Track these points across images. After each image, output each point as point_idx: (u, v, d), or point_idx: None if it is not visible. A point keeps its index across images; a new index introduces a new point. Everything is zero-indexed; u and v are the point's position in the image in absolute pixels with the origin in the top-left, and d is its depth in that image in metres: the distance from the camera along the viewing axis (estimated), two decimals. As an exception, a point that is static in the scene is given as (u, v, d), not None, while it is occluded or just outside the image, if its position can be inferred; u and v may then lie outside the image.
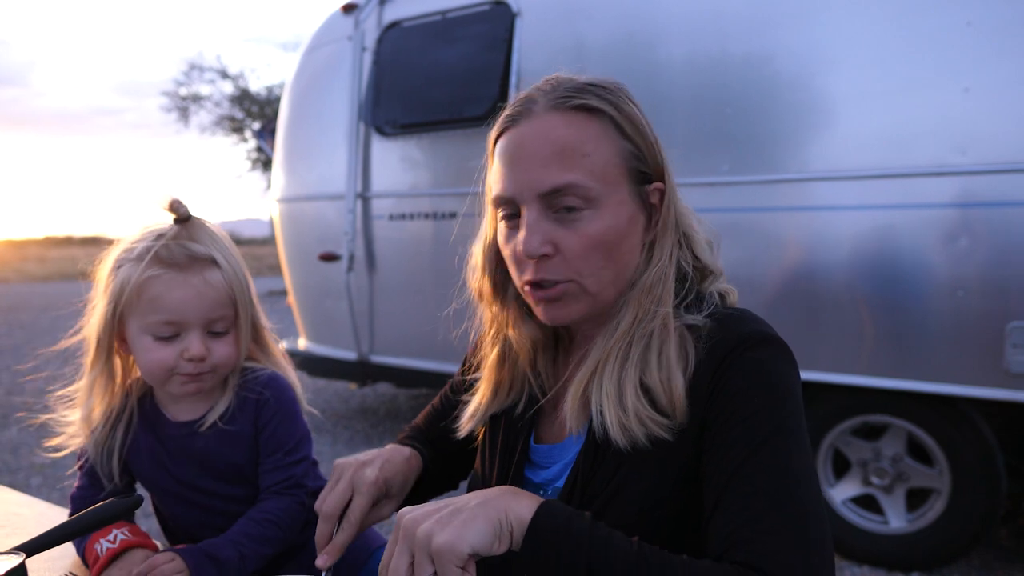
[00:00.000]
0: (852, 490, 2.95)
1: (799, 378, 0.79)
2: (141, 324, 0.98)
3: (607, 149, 0.81)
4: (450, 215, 3.69)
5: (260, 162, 18.01)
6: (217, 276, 1.00)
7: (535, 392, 0.93)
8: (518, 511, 0.68)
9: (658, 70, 3.07)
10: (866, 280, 2.72)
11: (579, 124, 0.81)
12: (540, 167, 0.80)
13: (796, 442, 0.74)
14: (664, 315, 0.81)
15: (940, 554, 2.77)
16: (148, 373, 1.02)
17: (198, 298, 0.98)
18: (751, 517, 0.69)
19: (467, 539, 0.64)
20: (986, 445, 2.63)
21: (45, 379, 4.48)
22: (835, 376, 2.75)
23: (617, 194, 0.82)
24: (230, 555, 0.97)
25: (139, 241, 1.00)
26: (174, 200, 0.99)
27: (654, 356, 0.79)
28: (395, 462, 0.93)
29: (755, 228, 2.91)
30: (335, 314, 4.16)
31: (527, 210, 0.81)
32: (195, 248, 1.00)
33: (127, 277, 0.97)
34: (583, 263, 0.81)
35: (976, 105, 2.47)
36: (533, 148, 0.81)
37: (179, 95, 18.52)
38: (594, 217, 0.80)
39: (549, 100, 0.83)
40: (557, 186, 0.79)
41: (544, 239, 0.80)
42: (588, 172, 0.79)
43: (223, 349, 1.02)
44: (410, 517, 0.68)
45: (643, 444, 0.77)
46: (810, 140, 2.84)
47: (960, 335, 2.55)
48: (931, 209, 2.59)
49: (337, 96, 4.09)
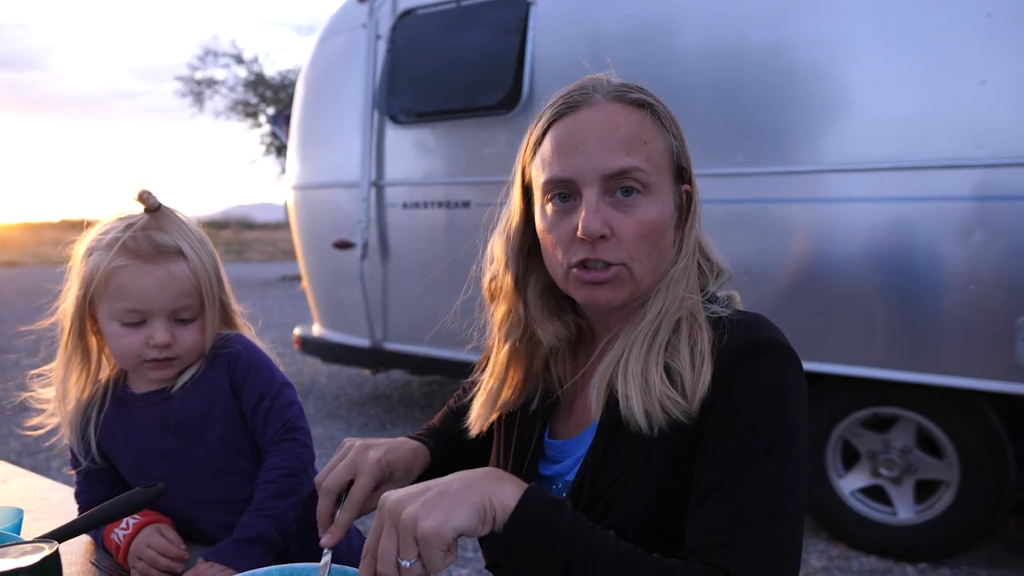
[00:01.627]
0: (861, 481, 2.96)
1: (805, 389, 0.81)
2: (109, 310, 1.02)
3: (660, 141, 0.85)
4: (464, 204, 3.70)
5: (274, 147, 18.05)
6: (182, 267, 1.03)
7: (550, 388, 0.95)
8: (502, 497, 0.70)
9: (674, 59, 3.06)
10: (879, 273, 2.71)
11: (637, 115, 0.85)
12: (607, 150, 0.82)
13: (791, 458, 0.76)
14: (692, 304, 0.84)
15: (948, 545, 2.78)
16: (118, 357, 1.06)
17: (161, 288, 1.01)
18: (733, 525, 0.72)
19: (452, 524, 0.66)
20: (996, 437, 2.63)
21: (65, 363, 4.38)
22: (847, 368, 2.76)
23: (665, 185, 0.86)
24: (264, 527, 0.99)
25: (110, 229, 1.03)
26: (144, 191, 1.02)
27: (683, 342, 0.81)
28: (401, 449, 0.95)
29: (769, 219, 2.91)
30: (349, 301, 4.20)
31: (588, 191, 0.83)
32: (161, 239, 1.02)
33: (96, 265, 1.01)
34: (635, 248, 0.83)
35: (993, 98, 2.45)
36: (600, 132, 0.83)
37: (193, 80, 18.59)
38: (648, 203, 0.84)
39: (608, 91, 0.87)
40: (625, 167, 0.82)
41: (603, 220, 0.82)
42: (647, 159, 0.83)
43: (189, 336, 1.05)
44: (394, 499, 0.68)
45: (662, 429, 0.78)
46: (825, 131, 2.83)
47: (972, 329, 2.54)
48: (945, 202, 2.58)
49: (351, 84, 4.10)
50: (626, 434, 0.81)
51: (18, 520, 0.94)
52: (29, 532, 1.06)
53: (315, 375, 6.22)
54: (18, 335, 5.13)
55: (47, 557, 0.60)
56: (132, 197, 1.04)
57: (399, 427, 4.65)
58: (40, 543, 0.63)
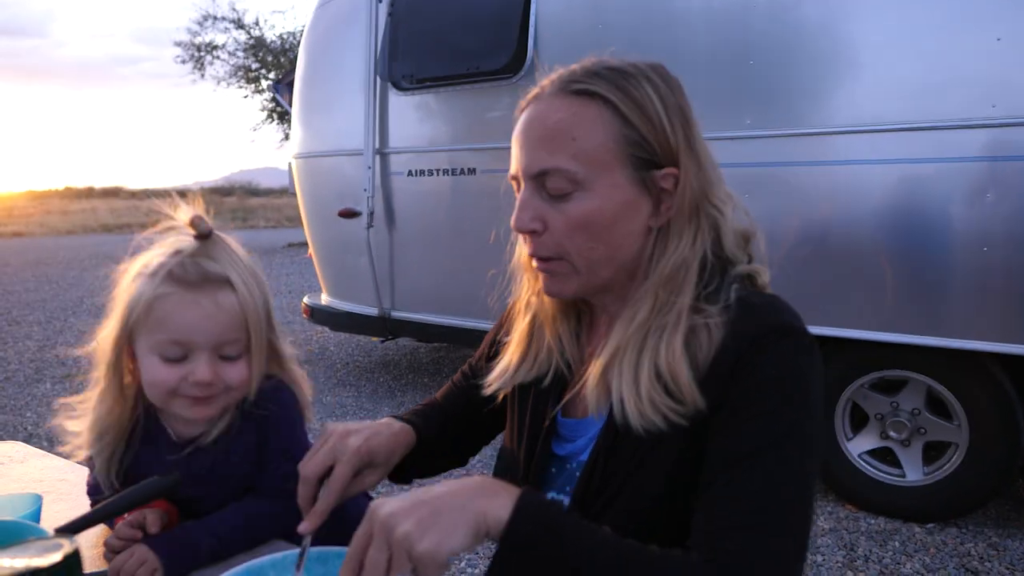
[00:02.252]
0: (869, 443, 2.97)
1: (821, 373, 0.80)
2: (149, 342, 0.95)
3: (600, 134, 0.82)
4: (469, 171, 3.67)
5: (276, 113, 17.87)
6: (231, 298, 0.96)
7: (561, 367, 0.95)
8: (495, 512, 0.69)
9: (680, 18, 2.99)
10: (890, 235, 2.68)
11: (575, 108, 0.83)
12: (532, 150, 0.85)
13: (804, 444, 0.75)
14: (681, 307, 0.82)
15: (956, 506, 2.81)
16: (151, 391, 0.98)
17: (207, 320, 0.94)
18: (739, 516, 0.71)
19: (447, 546, 0.65)
20: (1006, 399, 2.63)
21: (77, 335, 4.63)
22: (856, 332, 2.75)
23: (609, 178, 0.83)
24: (209, 543, 0.96)
25: (158, 255, 0.97)
26: (196, 216, 0.96)
27: (665, 348, 0.80)
28: (382, 434, 0.94)
29: (777, 182, 2.87)
30: (356, 270, 4.20)
31: (524, 188, 0.87)
32: (210, 267, 0.96)
33: (139, 292, 0.95)
34: (568, 241, 0.84)
35: (1009, 55, 2.39)
36: (530, 131, 0.86)
37: (193, 45, 18.34)
38: (582, 199, 0.83)
39: (556, 84, 0.86)
40: (544, 169, 0.84)
41: (533, 215, 0.85)
42: (573, 156, 0.82)
43: (233, 373, 0.98)
44: (387, 513, 0.67)
45: (660, 429, 0.78)
46: (835, 92, 2.77)
47: (983, 291, 2.52)
48: (958, 163, 2.53)
49: (352, 50, 4.04)
50: (629, 432, 0.81)
51: (37, 507, 0.96)
52: (48, 515, 1.07)
53: (324, 343, 6.26)
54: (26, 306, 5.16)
55: (68, 555, 0.60)
56: (183, 222, 0.98)
57: (408, 394, 4.69)
58: (60, 539, 0.64)
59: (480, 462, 3.55)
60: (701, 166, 0.86)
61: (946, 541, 2.72)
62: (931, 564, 2.57)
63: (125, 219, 25.73)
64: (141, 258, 0.99)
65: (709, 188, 0.86)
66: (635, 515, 0.81)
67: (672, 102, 0.85)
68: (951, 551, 2.66)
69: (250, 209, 30.02)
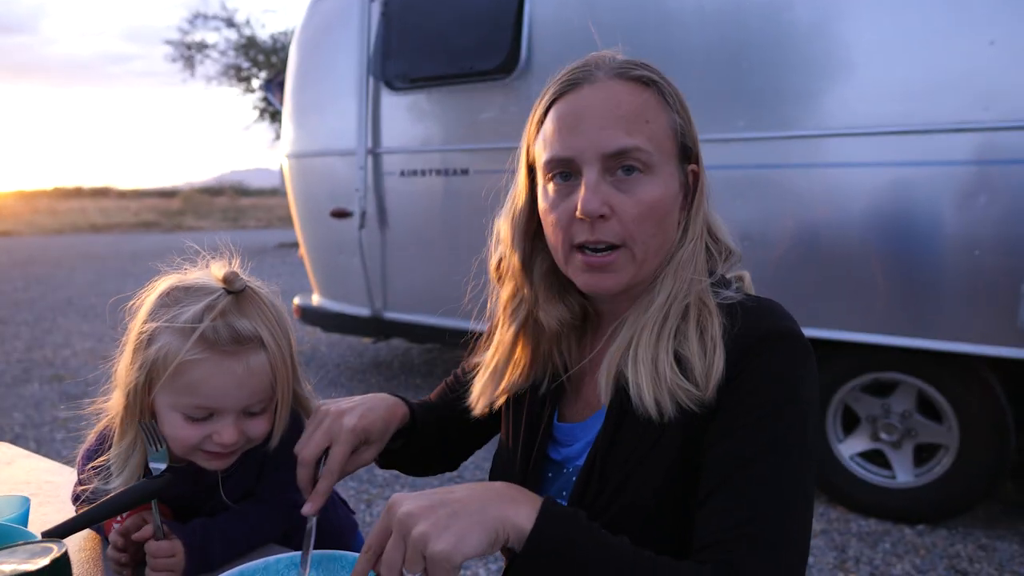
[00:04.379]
0: (860, 445, 2.98)
1: (816, 378, 0.80)
2: (173, 401, 0.92)
3: (664, 120, 0.84)
4: (462, 171, 3.66)
5: (268, 112, 17.80)
6: (261, 359, 0.93)
7: (558, 371, 0.94)
8: (516, 521, 0.69)
9: (674, 18, 2.99)
10: (882, 238, 2.69)
11: (641, 93, 0.83)
12: (607, 129, 0.81)
13: (801, 449, 0.75)
14: (700, 289, 0.83)
15: (946, 508, 2.82)
16: (171, 444, 0.94)
17: (238, 387, 0.91)
18: (744, 516, 0.71)
19: (462, 549, 0.65)
20: (996, 402, 2.64)
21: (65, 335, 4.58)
22: (849, 334, 2.76)
23: (669, 165, 0.84)
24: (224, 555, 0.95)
25: (186, 305, 0.91)
26: (230, 273, 0.93)
27: (692, 329, 0.80)
28: (376, 410, 0.94)
29: (770, 184, 2.88)
30: (348, 270, 4.18)
31: (588, 171, 0.82)
32: (242, 327, 0.91)
33: (166, 350, 0.90)
34: (636, 228, 0.82)
35: (1002, 59, 2.40)
36: (601, 110, 0.82)
37: (184, 44, 18.24)
38: (650, 183, 0.82)
39: (611, 68, 0.85)
40: (624, 147, 0.81)
41: (604, 200, 0.81)
42: (649, 138, 0.82)
43: (255, 429, 0.95)
44: (405, 512, 0.67)
45: (671, 416, 0.78)
46: (829, 94, 2.78)
47: (975, 294, 2.54)
48: (951, 166, 2.55)
49: (345, 49, 4.02)
50: (635, 421, 0.80)
51: (25, 509, 0.94)
52: (36, 517, 1.06)
53: (315, 343, 6.23)
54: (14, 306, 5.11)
55: (56, 559, 0.59)
56: (216, 276, 0.94)
57: (401, 395, 4.67)
58: (48, 543, 0.62)
59: (474, 463, 3.54)
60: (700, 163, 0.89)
61: (936, 542, 2.73)
62: (921, 565, 2.58)
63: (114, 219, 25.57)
64: (163, 296, 0.94)
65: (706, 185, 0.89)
66: (632, 515, 0.80)
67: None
68: (941, 552, 2.67)
69: (240, 209, 29.90)
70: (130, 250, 14.89)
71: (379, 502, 3.17)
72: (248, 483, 1.03)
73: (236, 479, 1.01)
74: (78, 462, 1.05)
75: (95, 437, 1.03)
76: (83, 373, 5.32)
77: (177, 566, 0.89)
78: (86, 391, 2.65)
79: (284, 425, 0.99)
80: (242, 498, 1.02)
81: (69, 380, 5.12)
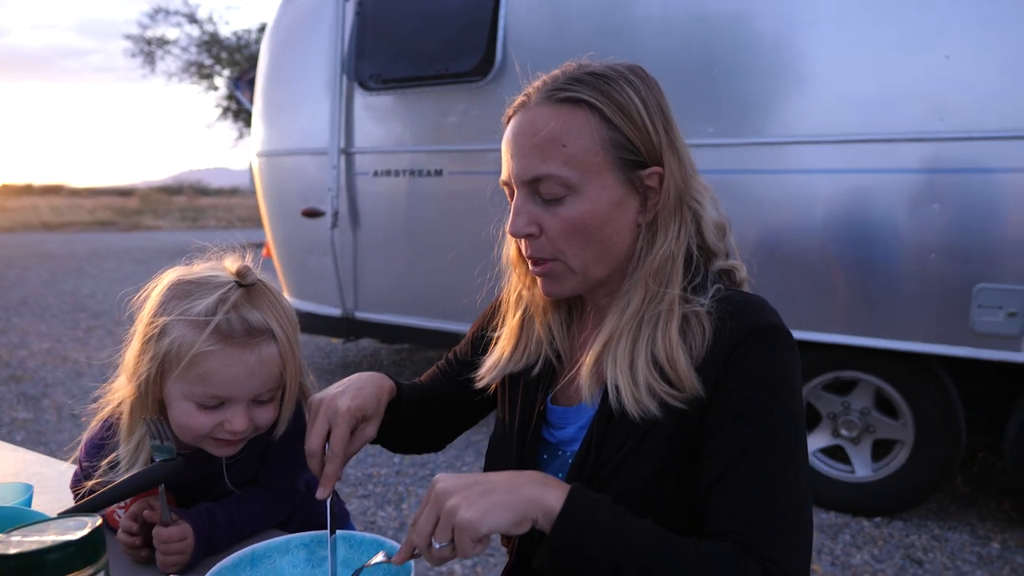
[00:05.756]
0: (822, 441, 3.09)
1: (800, 365, 0.86)
2: (185, 390, 0.94)
3: (588, 139, 0.86)
4: (436, 172, 3.68)
5: (230, 111, 17.53)
6: (272, 350, 0.96)
7: (551, 357, 0.99)
8: (546, 502, 0.73)
9: (640, 27, 3.07)
10: (842, 243, 2.80)
11: (563, 116, 0.86)
12: (524, 158, 0.87)
13: (796, 435, 0.81)
14: (671, 297, 0.86)
15: (902, 500, 2.94)
16: (180, 432, 0.97)
17: (250, 377, 0.94)
18: (751, 503, 0.77)
19: (487, 522, 0.70)
20: (949, 399, 2.77)
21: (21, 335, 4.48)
22: (812, 334, 2.86)
23: (599, 180, 0.87)
24: (229, 539, 0.98)
25: (198, 298, 0.94)
26: (243, 267, 0.96)
27: (661, 336, 0.85)
28: (365, 387, 0.97)
29: (736, 190, 2.96)
30: (319, 270, 4.17)
31: (517, 193, 0.90)
32: (254, 319, 0.95)
33: (180, 343, 0.92)
34: (564, 243, 0.88)
35: (957, 73, 2.53)
36: (520, 140, 0.88)
37: (144, 39, 17.86)
38: (574, 202, 0.86)
39: (542, 93, 0.89)
40: (537, 176, 0.87)
41: (529, 220, 0.88)
42: (564, 163, 0.85)
43: (265, 415, 0.99)
44: (443, 487, 0.73)
45: (655, 415, 0.83)
46: (793, 104, 2.88)
47: (930, 296, 2.66)
48: (908, 174, 2.67)
49: (318, 48, 4.02)
50: (624, 416, 0.85)
51: (28, 495, 0.95)
52: (34, 506, 1.06)
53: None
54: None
55: (96, 528, 0.61)
56: (229, 269, 0.97)
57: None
58: (80, 517, 0.65)
59: (469, 450, 3.57)
60: (681, 161, 0.90)
61: (892, 534, 2.85)
62: (879, 555, 2.69)
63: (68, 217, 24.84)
64: (174, 287, 0.96)
65: (689, 182, 0.91)
66: (627, 499, 0.85)
67: (652, 102, 0.89)
68: (897, 543, 2.78)
69: (200, 209, 29.30)
70: (86, 249, 14.51)
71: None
72: (251, 470, 1.05)
73: (240, 466, 1.04)
74: (80, 450, 1.06)
75: (99, 426, 1.04)
76: (41, 374, 5.19)
77: (187, 549, 0.91)
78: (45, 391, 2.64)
79: (290, 414, 1.02)
80: (244, 485, 1.05)
81: (27, 381, 4.99)
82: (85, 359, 5.60)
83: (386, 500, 3.18)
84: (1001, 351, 2.55)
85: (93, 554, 0.62)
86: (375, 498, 3.20)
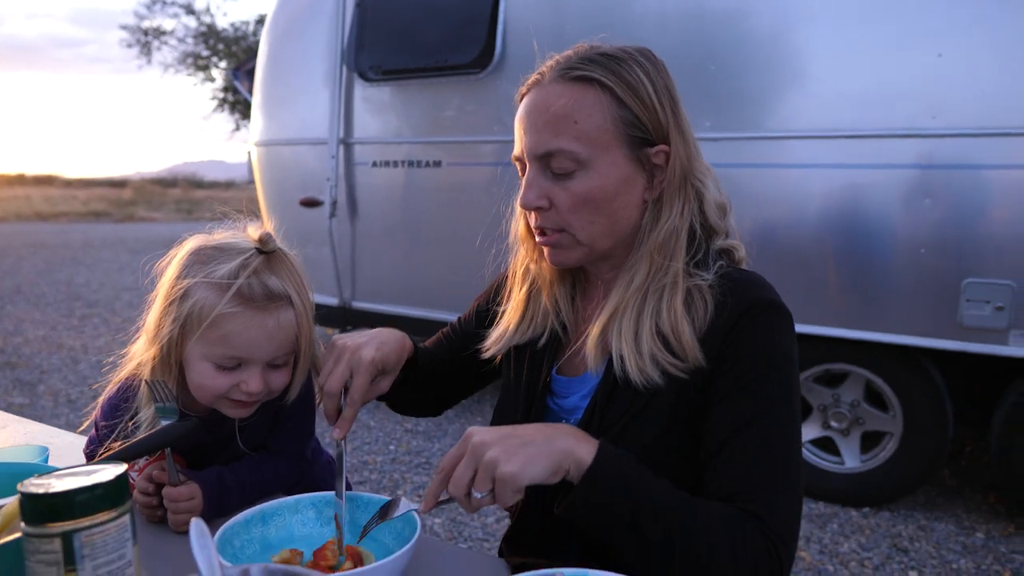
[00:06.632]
0: (812, 433, 3.14)
1: (795, 339, 0.91)
2: (205, 351, 0.97)
3: (599, 117, 0.90)
4: (435, 163, 3.71)
5: (227, 103, 17.49)
6: (289, 316, 0.99)
7: (556, 328, 1.03)
8: (578, 454, 0.77)
9: (638, 22, 3.11)
10: (835, 236, 2.85)
11: (575, 94, 0.90)
12: (537, 133, 0.91)
13: (792, 406, 0.86)
14: (676, 271, 0.90)
15: (889, 491, 3.00)
16: (197, 392, 1.00)
17: (268, 340, 0.97)
18: (752, 471, 0.82)
19: (528, 473, 0.74)
20: (937, 392, 2.82)
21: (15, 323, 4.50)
22: (803, 327, 2.90)
23: (608, 156, 0.91)
24: (239, 502, 1.01)
25: (220, 262, 0.97)
26: (265, 234, 0.99)
27: (665, 308, 0.89)
28: (388, 343, 1.01)
29: (731, 184, 3.00)
30: (317, 260, 4.19)
31: (530, 168, 0.93)
32: (274, 284, 0.98)
33: (202, 304, 0.95)
34: (572, 216, 0.92)
35: (949, 71, 2.58)
36: (534, 116, 0.92)
37: (140, 29, 17.79)
38: (584, 177, 0.90)
39: (555, 71, 0.93)
40: (549, 150, 0.91)
41: (539, 194, 0.92)
42: (576, 138, 0.89)
43: (277, 380, 1.02)
44: (480, 439, 0.76)
45: (658, 384, 0.87)
46: (788, 99, 2.92)
47: (920, 290, 2.70)
48: (900, 169, 2.71)
49: (318, 38, 4.04)
50: (627, 384, 0.89)
51: (44, 456, 0.98)
52: (47, 470, 1.10)
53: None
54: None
55: (120, 473, 0.65)
56: (251, 237, 1.00)
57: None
58: (104, 465, 0.68)
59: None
60: (687, 141, 0.94)
61: (880, 523, 2.91)
62: (866, 544, 2.74)
63: (61, 208, 24.73)
64: (195, 253, 0.99)
65: (693, 162, 0.95)
66: None
67: (660, 83, 0.93)
68: (884, 533, 2.83)
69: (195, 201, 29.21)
70: (80, 239, 14.46)
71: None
72: (262, 435, 1.08)
73: (251, 430, 1.07)
74: (97, 412, 1.09)
75: (116, 388, 1.06)
76: (37, 360, 5.20)
77: (196, 508, 0.94)
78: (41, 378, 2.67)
79: (302, 380, 1.05)
80: (254, 450, 1.08)
81: (22, 367, 5.00)
82: (80, 346, 5.62)
83: (381, 487, 3.22)
84: (988, 344, 2.59)
85: (119, 497, 0.65)
86: (370, 485, 3.23)
